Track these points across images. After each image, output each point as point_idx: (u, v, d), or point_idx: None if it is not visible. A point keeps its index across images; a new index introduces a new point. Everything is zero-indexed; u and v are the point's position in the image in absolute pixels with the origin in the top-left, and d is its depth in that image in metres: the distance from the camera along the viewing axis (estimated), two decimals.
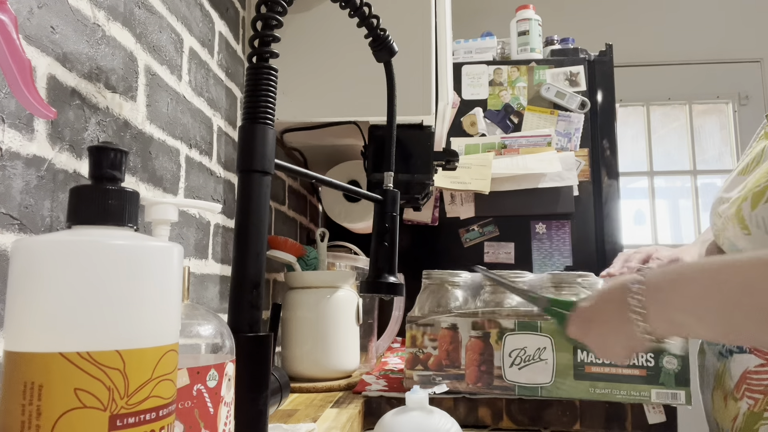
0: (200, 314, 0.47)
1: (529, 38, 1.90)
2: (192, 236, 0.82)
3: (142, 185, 0.68)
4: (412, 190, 1.07)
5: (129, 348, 0.32)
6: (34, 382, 0.30)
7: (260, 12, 0.52)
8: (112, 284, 0.32)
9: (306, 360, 1.00)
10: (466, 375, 0.90)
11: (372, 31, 0.63)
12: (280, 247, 1.05)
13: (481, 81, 1.86)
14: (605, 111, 1.84)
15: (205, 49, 0.88)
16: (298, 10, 1.06)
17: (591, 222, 1.77)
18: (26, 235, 0.49)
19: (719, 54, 3.15)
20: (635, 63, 3.12)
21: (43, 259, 0.32)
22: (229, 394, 0.46)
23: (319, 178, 0.62)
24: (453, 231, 1.78)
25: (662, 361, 0.86)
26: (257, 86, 0.51)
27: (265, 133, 0.51)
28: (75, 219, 0.34)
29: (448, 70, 1.17)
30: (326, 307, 1.01)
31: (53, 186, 0.52)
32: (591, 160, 1.80)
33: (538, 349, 0.89)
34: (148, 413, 0.33)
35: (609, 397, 0.87)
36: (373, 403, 0.92)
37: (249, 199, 0.51)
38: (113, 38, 0.63)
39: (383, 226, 0.67)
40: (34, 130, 0.50)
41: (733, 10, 3.17)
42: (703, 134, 3.21)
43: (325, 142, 1.22)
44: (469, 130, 1.84)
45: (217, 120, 0.92)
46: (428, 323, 0.92)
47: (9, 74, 0.37)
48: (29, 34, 0.49)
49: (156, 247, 0.35)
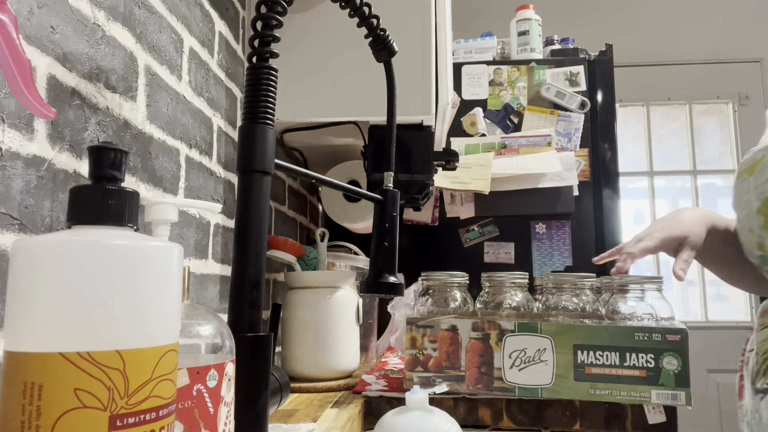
0: (200, 314, 0.47)
1: (529, 38, 1.90)
2: (192, 236, 0.82)
3: (142, 185, 0.68)
4: (412, 190, 1.07)
5: (129, 348, 0.32)
6: (34, 382, 0.30)
7: (260, 12, 0.52)
8: (112, 284, 0.32)
9: (306, 360, 1.00)
10: (466, 376, 0.90)
11: (372, 31, 0.63)
12: (280, 247, 1.05)
13: (481, 81, 1.86)
14: (605, 111, 1.84)
15: (205, 49, 0.88)
16: (298, 10, 1.06)
17: (591, 222, 1.77)
18: (26, 235, 0.49)
19: (719, 54, 3.15)
20: (635, 63, 3.12)
21: (43, 259, 0.32)
22: (229, 394, 0.46)
23: (319, 178, 0.62)
24: (453, 231, 1.78)
25: (662, 361, 0.86)
26: (257, 86, 0.51)
27: (265, 133, 0.51)
28: (75, 219, 0.34)
29: (448, 70, 1.17)
30: (326, 307, 1.01)
31: (53, 186, 0.52)
32: (591, 160, 1.80)
33: (538, 350, 0.89)
34: (148, 413, 0.33)
35: (609, 398, 0.87)
36: (373, 403, 0.92)
37: (249, 199, 0.51)
38: (113, 38, 0.63)
39: (383, 226, 0.67)
40: (34, 130, 0.50)
41: (733, 10, 3.17)
42: (703, 134, 3.21)
43: (325, 142, 1.22)
44: (469, 130, 1.84)
45: (217, 120, 0.92)
46: (428, 325, 0.92)
47: (9, 74, 0.37)
48: (29, 34, 0.49)
49: (156, 247, 0.35)
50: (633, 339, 0.87)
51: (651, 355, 0.87)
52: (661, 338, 0.87)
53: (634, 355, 0.87)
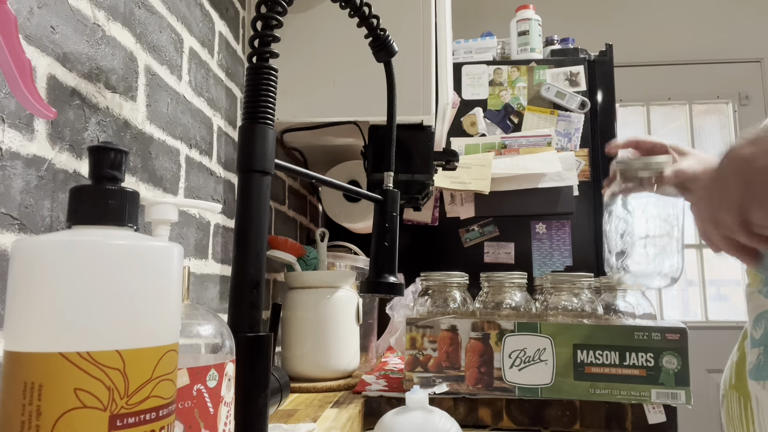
0: (200, 314, 0.47)
1: (529, 38, 1.90)
2: (192, 236, 0.82)
3: (142, 185, 0.68)
4: (412, 190, 1.07)
5: (129, 348, 0.32)
6: (34, 382, 0.30)
7: (260, 12, 0.52)
8: (112, 284, 0.32)
9: (306, 360, 1.00)
10: (466, 377, 0.90)
11: (372, 31, 0.63)
12: (280, 247, 1.05)
13: (481, 81, 1.86)
14: (605, 111, 1.84)
15: (205, 49, 0.88)
16: (298, 10, 1.06)
17: (591, 222, 1.77)
18: (26, 235, 0.49)
19: (719, 54, 3.15)
20: (635, 63, 3.12)
21: (43, 259, 0.32)
22: (229, 394, 0.46)
23: (319, 178, 0.62)
24: (453, 231, 1.78)
25: (662, 360, 0.86)
26: (257, 86, 0.51)
27: (265, 133, 0.51)
28: (75, 219, 0.34)
29: (448, 70, 1.17)
30: (326, 307, 1.01)
31: (53, 186, 0.52)
32: (591, 160, 1.80)
33: (537, 350, 0.89)
34: (148, 413, 0.33)
35: (609, 398, 0.87)
36: (373, 403, 0.92)
37: (249, 199, 0.51)
38: (113, 38, 0.63)
39: (383, 226, 0.67)
40: (34, 130, 0.50)
41: (734, 10, 3.17)
42: (703, 134, 3.20)
43: (325, 142, 1.22)
44: (469, 130, 1.84)
45: (217, 120, 0.92)
46: (428, 325, 0.92)
47: (9, 74, 0.37)
48: (29, 34, 0.49)
49: (156, 247, 0.35)
50: (632, 338, 0.87)
51: (651, 354, 0.87)
52: (660, 337, 0.87)
53: (634, 354, 0.87)
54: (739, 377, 0.73)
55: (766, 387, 0.67)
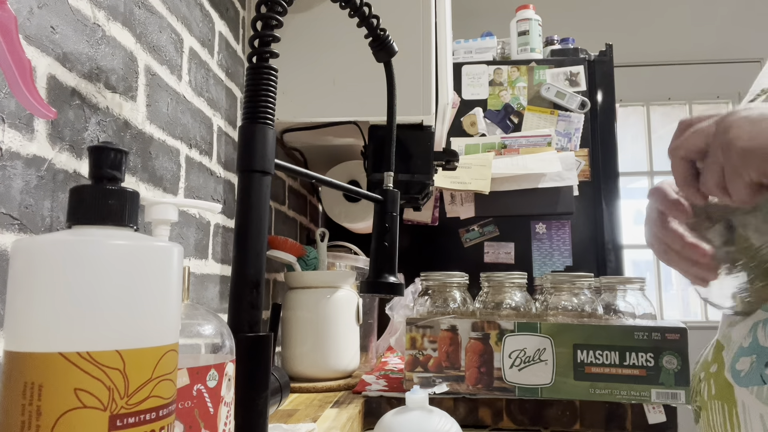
0: (200, 314, 0.47)
1: (529, 38, 1.90)
2: (192, 236, 0.82)
3: (142, 185, 0.68)
4: (412, 190, 1.07)
5: (129, 348, 0.32)
6: (34, 382, 0.30)
7: (260, 12, 0.52)
8: (112, 284, 0.32)
9: (306, 360, 1.00)
10: (466, 377, 0.90)
11: (372, 31, 0.63)
12: (280, 247, 1.05)
13: (481, 81, 1.86)
14: (605, 111, 1.84)
15: (205, 49, 0.88)
16: (298, 10, 1.06)
17: (591, 222, 1.77)
18: (26, 235, 0.49)
19: (719, 54, 3.15)
20: (635, 63, 3.12)
21: (43, 259, 0.32)
22: (229, 394, 0.46)
23: (319, 178, 0.62)
24: (453, 231, 1.78)
25: (662, 360, 0.86)
26: (257, 86, 0.51)
27: (265, 133, 0.51)
28: (75, 219, 0.34)
29: (448, 70, 1.17)
30: (326, 307, 1.01)
31: (53, 186, 0.52)
32: (591, 160, 1.80)
33: (537, 350, 0.89)
34: (148, 413, 0.33)
35: (609, 398, 0.87)
36: (373, 403, 0.92)
37: (249, 199, 0.51)
38: (113, 38, 0.63)
39: (383, 226, 0.67)
40: (34, 130, 0.50)
41: (734, 10, 3.17)
42: None
43: (325, 142, 1.22)
44: (469, 130, 1.84)
45: (217, 120, 0.92)
46: (428, 325, 0.92)
47: (9, 74, 0.37)
48: (29, 34, 0.49)
49: (156, 247, 0.35)
50: (632, 338, 0.87)
51: (650, 354, 0.87)
52: (660, 337, 0.87)
53: (634, 354, 0.87)
54: (719, 387, 0.74)
55: (754, 392, 0.67)
